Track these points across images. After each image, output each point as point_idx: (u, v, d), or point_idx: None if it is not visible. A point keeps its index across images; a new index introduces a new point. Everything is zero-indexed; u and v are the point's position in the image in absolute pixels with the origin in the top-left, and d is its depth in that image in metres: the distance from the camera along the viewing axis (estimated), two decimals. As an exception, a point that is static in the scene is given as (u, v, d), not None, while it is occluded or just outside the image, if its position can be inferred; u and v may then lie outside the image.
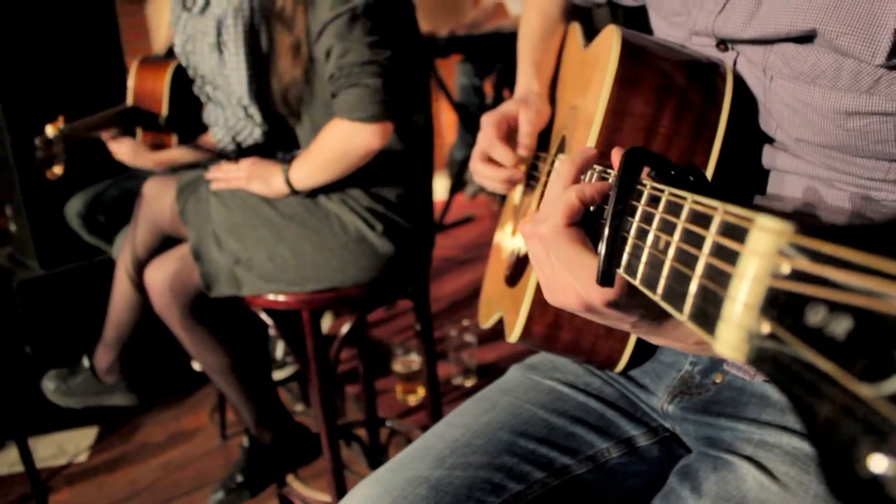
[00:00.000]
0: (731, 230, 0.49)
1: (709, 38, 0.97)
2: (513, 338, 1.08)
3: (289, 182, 1.95)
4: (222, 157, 2.39)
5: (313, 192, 1.98)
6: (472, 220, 4.87)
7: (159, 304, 2.05)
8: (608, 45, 0.99)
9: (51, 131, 2.61)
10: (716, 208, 0.52)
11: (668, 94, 0.93)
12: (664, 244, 0.60)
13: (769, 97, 0.89)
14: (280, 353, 3.01)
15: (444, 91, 4.71)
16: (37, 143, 2.62)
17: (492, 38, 4.75)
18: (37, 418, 2.96)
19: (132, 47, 3.42)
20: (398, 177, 1.98)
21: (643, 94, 0.93)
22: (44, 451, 2.93)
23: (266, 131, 2.41)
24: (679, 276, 0.55)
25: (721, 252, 0.50)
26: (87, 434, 3.05)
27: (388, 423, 2.59)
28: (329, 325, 3.39)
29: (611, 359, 1.08)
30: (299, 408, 3.04)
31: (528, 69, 1.34)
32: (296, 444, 2.28)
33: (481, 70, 4.95)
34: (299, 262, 1.94)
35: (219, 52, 2.61)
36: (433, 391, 2.27)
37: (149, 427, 3.07)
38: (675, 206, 0.59)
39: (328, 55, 1.84)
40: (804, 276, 0.39)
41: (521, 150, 1.26)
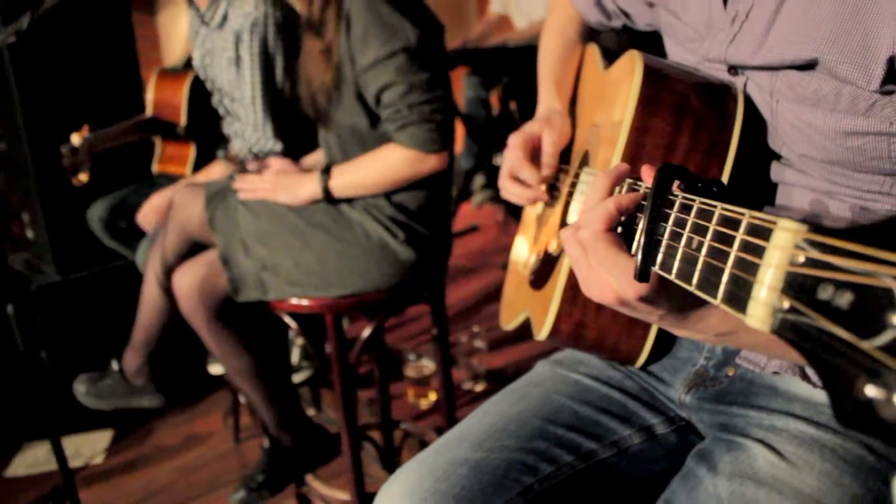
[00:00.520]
0: (756, 230, 0.62)
1: (720, 64, 1.06)
2: (542, 336, 1.16)
3: (326, 189, 2.04)
4: (245, 168, 2.47)
5: (337, 201, 2.08)
6: (477, 229, 4.95)
7: (187, 307, 2.12)
8: (630, 69, 1.08)
9: (76, 140, 2.69)
10: (743, 213, 0.64)
11: (685, 114, 1.02)
12: (697, 244, 0.71)
13: (776, 118, 0.98)
14: (295, 357, 3.08)
15: (451, 103, 4.79)
16: (63, 151, 2.70)
17: (498, 51, 4.85)
18: (53, 421, 3.03)
19: (143, 57, 3.50)
20: (419, 187, 2.08)
21: (663, 114, 1.03)
22: (62, 453, 2.99)
23: (282, 145, 2.49)
24: (712, 269, 0.67)
25: (749, 247, 0.62)
26: (103, 437, 3.11)
27: (402, 425, 2.66)
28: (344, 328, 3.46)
29: (631, 355, 1.17)
30: (310, 412, 3.11)
31: (550, 89, 1.43)
32: (314, 444, 2.35)
33: (487, 82, 5.04)
34: (324, 267, 2.02)
35: (236, 66, 2.69)
36: (448, 393, 2.35)
37: (162, 430, 3.13)
38: (706, 213, 0.70)
39: (384, 89, 1.96)
40: (816, 263, 0.52)
41: (544, 169, 1.35)
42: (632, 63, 1.09)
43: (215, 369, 3.07)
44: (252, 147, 2.58)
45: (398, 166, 2.00)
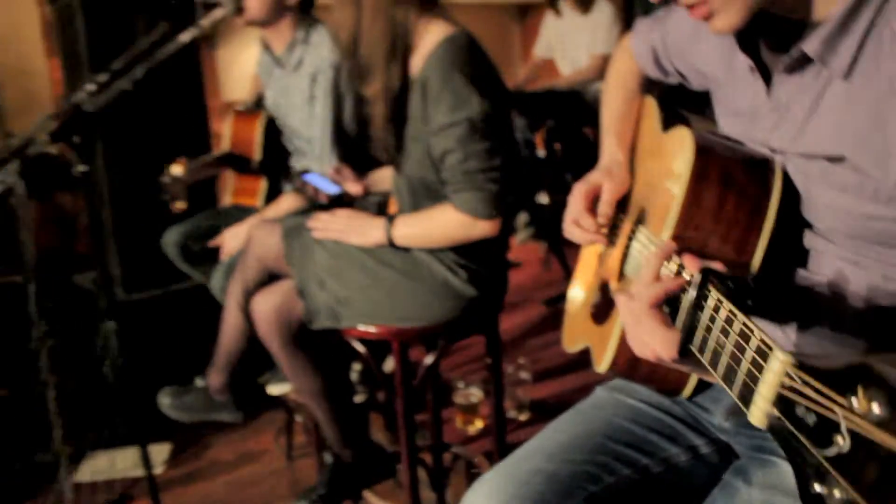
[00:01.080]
0: (761, 351, 0.85)
1: (762, 146, 1.23)
2: (601, 368, 1.37)
3: (390, 237, 2.22)
4: (318, 206, 2.66)
5: None
6: (520, 265, 5.10)
7: (264, 331, 2.31)
8: (684, 144, 1.26)
9: (176, 171, 2.92)
10: (753, 331, 0.88)
11: (731, 187, 1.20)
12: (723, 343, 0.95)
13: (809, 195, 1.15)
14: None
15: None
16: (164, 181, 2.94)
17: (545, 95, 5.04)
18: (116, 433, 3.20)
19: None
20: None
21: (711, 187, 1.21)
22: (123, 462, 3.15)
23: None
24: (731, 369, 0.92)
25: (755, 364, 0.86)
26: (163, 449, 3.26)
27: (452, 448, 2.82)
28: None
29: (678, 387, 1.38)
30: (363, 433, 3.26)
31: (612, 139, 1.61)
32: (373, 462, 2.52)
33: (533, 124, 5.21)
34: (392, 302, 2.21)
35: (309, 105, 2.89)
36: (499, 420, 2.50)
37: (218, 446, 3.27)
38: (730, 320, 0.94)
39: (446, 153, 2.11)
40: (795, 390, 0.76)
41: (600, 218, 1.54)
42: (684, 140, 1.27)
43: (274, 390, 3.24)
44: None
45: (452, 227, 2.16)
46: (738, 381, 0.89)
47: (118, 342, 2.10)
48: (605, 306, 1.47)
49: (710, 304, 1.00)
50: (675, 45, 1.51)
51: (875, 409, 0.64)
